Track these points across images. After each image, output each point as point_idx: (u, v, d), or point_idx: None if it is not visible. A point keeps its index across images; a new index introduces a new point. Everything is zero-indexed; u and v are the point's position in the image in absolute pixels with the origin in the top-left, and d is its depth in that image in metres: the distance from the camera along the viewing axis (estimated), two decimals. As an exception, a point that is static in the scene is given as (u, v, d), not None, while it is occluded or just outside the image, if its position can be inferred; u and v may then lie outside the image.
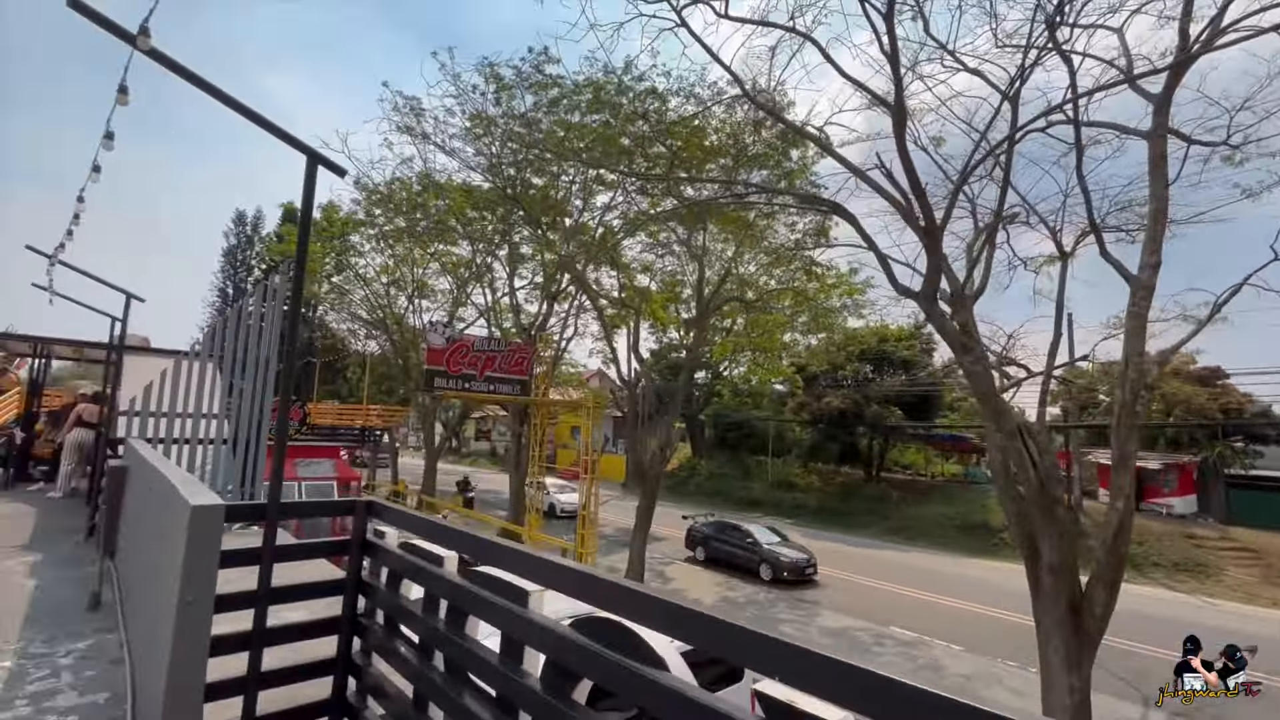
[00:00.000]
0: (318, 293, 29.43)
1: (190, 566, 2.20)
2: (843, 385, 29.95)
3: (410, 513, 2.42)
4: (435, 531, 2.28)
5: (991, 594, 16.55)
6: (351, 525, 2.65)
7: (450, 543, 2.26)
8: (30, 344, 9.63)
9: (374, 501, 2.63)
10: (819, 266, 16.55)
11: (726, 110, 15.36)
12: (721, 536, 19.48)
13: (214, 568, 2.23)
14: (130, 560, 4.23)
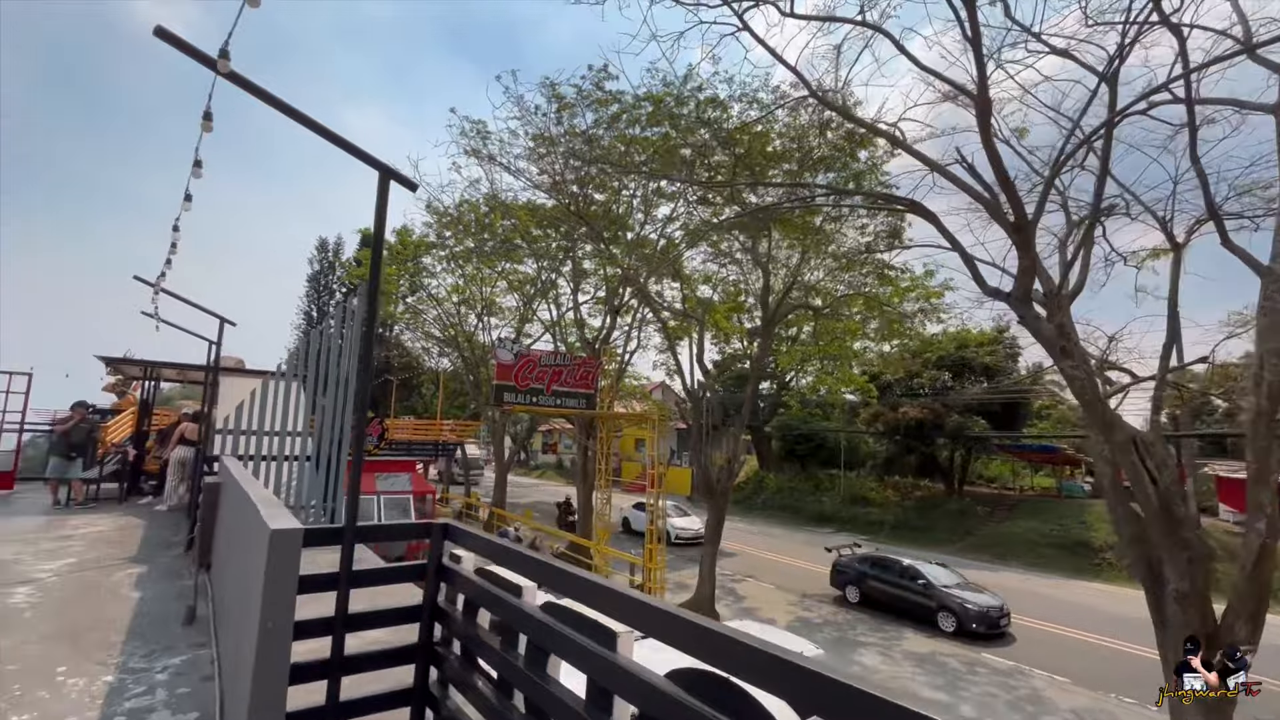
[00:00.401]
0: (394, 313, 30.86)
1: (270, 591, 2.17)
2: (919, 394, 28.51)
3: (485, 537, 2.31)
4: (512, 559, 2.15)
5: (1099, 620, 15.13)
6: (429, 545, 2.57)
7: (529, 571, 2.13)
8: (140, 367, 10.48)
9: (449, 524, 2.54)
10: (892, 270, 15.80)
11: (790, 114, 15.02)
12: (882, 575, 16.32)
13: (293, 593, 2.19)
14: (223, 575, 4.37)
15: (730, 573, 19.09)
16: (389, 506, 16.30)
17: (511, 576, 2.14)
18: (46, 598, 4.57)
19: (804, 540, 25.11)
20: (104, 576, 5.23)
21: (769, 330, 16.11)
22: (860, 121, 9.22)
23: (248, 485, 4.54)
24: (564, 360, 17.69)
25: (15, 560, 5.69)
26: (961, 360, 28.10)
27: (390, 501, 16.39)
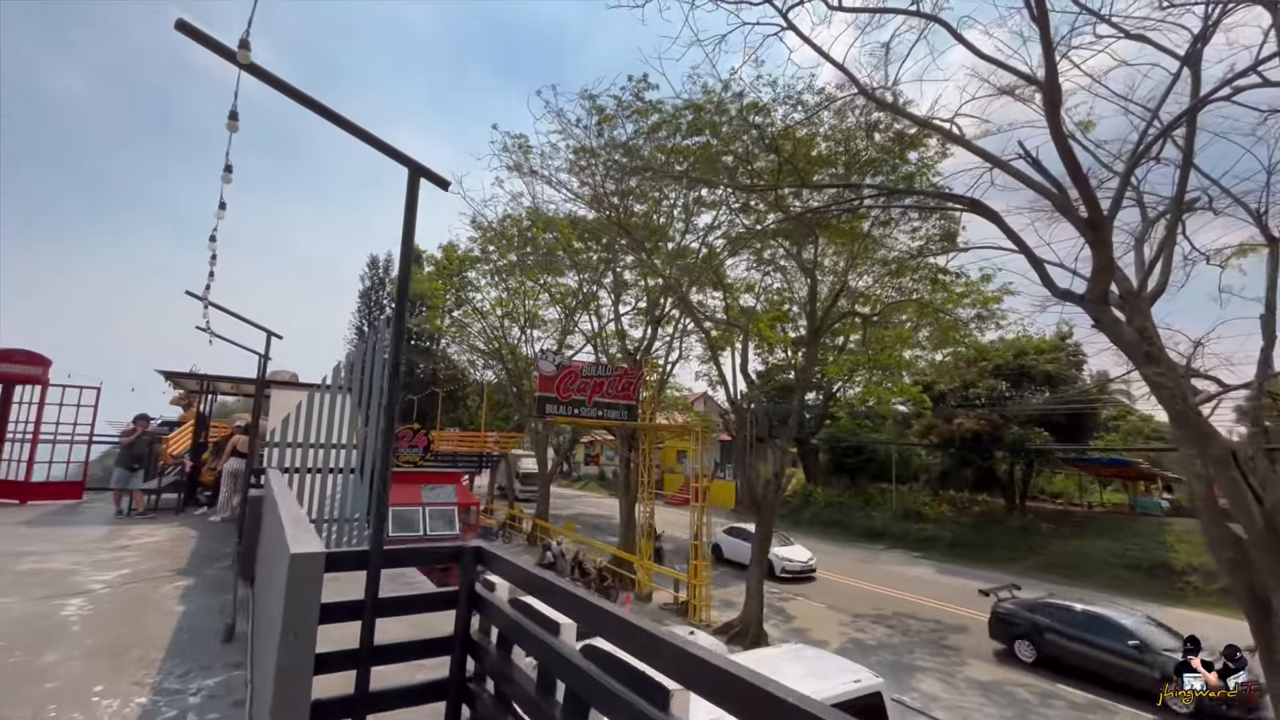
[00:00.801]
0: (440, 326, 31.50)
1: (290, 621, 2.00)
2: (975, 405, 27.22)
3: (521, 565, 2.09)
4: (548, 591, 1.92)
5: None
6: (461, 568, 2.38)
7: (566, 607, 1.89)
8: (197, 380, 10.84)
9: (482, 548, 2.34)
10: (947, 275, 15.09)
11: (836, 117, 14.62)
12: (1069, 630, 12.73)
13: (313, 624, 2.01)
14: (262, 593, 4.31)
15: (778, 590, 18.46)
16: (434, 517, 16.39)
17: (548, 611, 1.91)
18: (96, 610, 4.60)
19: (856, 557, 24.19)
20: (153, 589, 5.27)
21: (816, 339, 15.59)
22: (914, 118, 8.79)
23: (281, 501, 4.48)
24: (606, 371, 17.56)
25: (73, 570, 5.81)
26: (1020, 369, 26.72)
27: (435, 512, 16.48)
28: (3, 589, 5.12)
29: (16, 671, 3.40)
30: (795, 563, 20.35)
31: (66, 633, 4.08)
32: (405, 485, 16.64)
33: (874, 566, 22.69)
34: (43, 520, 8.60)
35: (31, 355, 10.51)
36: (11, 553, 6.43)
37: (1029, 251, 7.53)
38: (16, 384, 10.54)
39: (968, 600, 16.90)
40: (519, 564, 2.10)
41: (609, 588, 16.97)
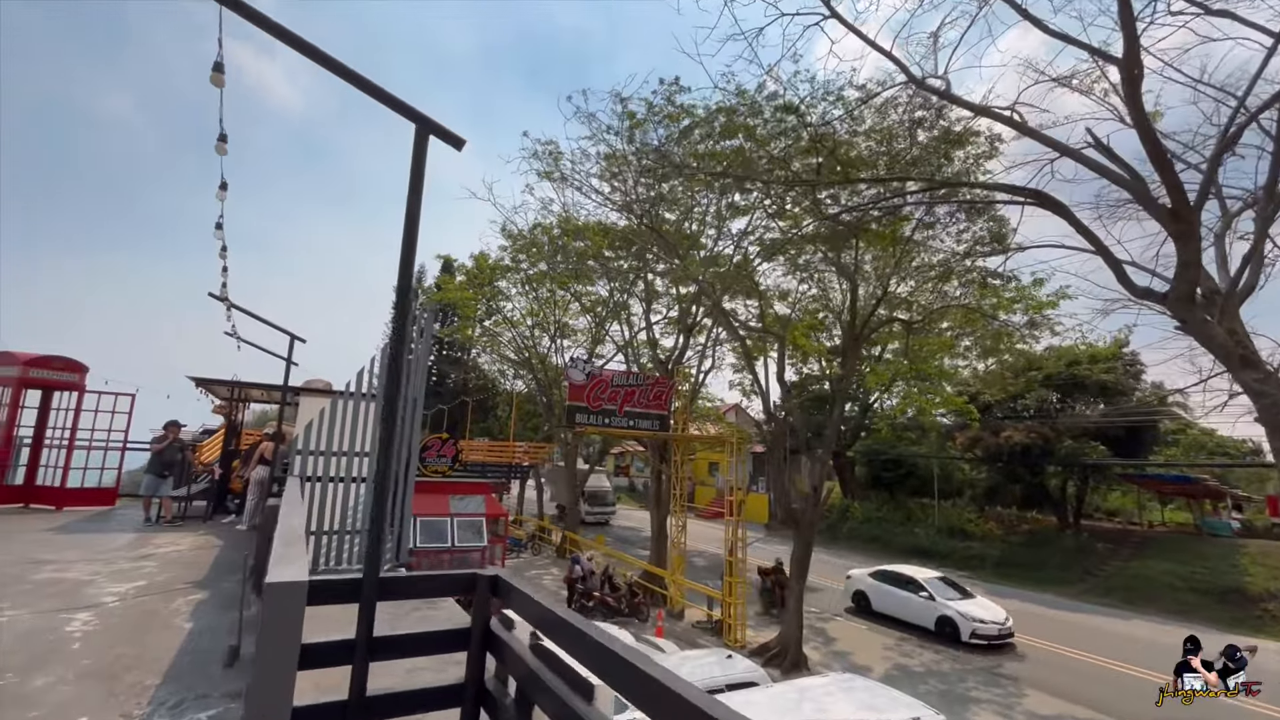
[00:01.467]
0: (471, 336, 31.58)
1: (262, 666, 1.62)
2: (1024, 416, 25.95)
3: (541, 601, 1.67)
4: (574, 639, 1.48)
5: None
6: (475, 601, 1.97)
7: (595, 661, 1.46)
8: (227, 388, 10.82)
9: (499, 577, 1.93)
10: (997, 278, 14.30)
11: (877, 114, 14.07)
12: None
13: (289, 669, 1.63)
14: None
15: (817, 610, 17.67)
16: (462, 528, 16.16)
17: (577, 667, 1.49)
18: (102, 626, 4.34)
19: (896, 575, 23.13)
20: (164, 603, 5.02)
21: (856, 345, 14.92)
22: (971, 106, 8.21)
23: (283, 513, 4.16)
24: (637, 380, 17.16)
25: (89, 581, 5.62)
26: (1073, 379, 25.37)
27: (463, 523, 16.25)
28: (16, 600, 4.93)
29: (2, 697, 3.12)
30: (989, 624, 14.81)
31: (65, 652, 3.82)
32: (433, 495, 16.45)
33: (917, 586, 21.63)
34: (72, 527, 8.55)
35: (69, 362, 10.61)
36: (34, 561, 6.29)
37: (1103, 248, 6.87)
38: (55, 390, 10.66)
39: (1021, 624, 15.85)
40: (539, 599, 1.68)
41: (640, 604, 16.44)
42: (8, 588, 5.22)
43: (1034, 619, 17.29)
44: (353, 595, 1.75)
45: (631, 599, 16.46)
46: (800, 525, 13.93)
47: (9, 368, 9.98)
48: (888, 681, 11.51)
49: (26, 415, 10.42)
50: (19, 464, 10.36)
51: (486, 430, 40.88)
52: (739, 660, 8.75)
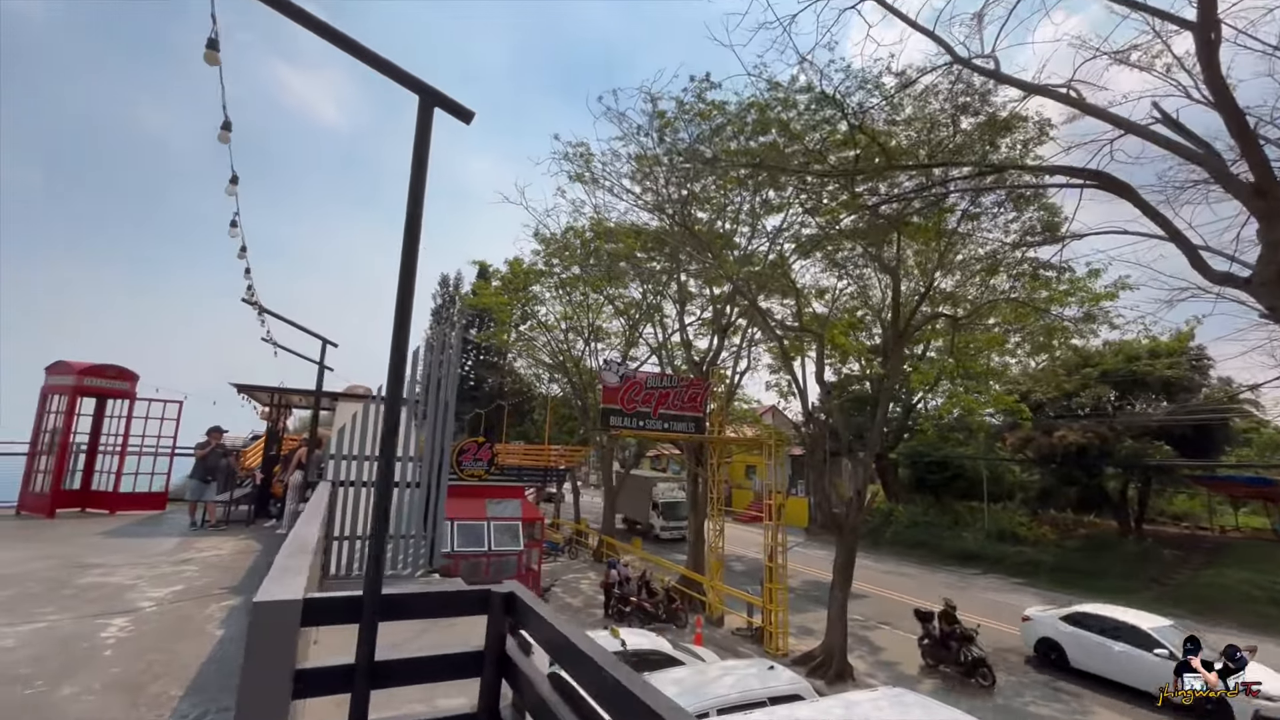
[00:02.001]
0: (506, 341, 31.83)
1: (246, 693, 1.46)
2: (1079, 415, 24.69)
3: (555, 624, 1.45)
4: (585, 668, 1.25)
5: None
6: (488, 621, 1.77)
7: (603, 694, 1.23)
8: (268, 394, 11.03)
9: (515, 595, 1.72)
10: (1050, 270, 13.56)
11: (917, 102, 13.54)
12: None
13: (282, 698, 1.46)
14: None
15: (861, 618, 17.06)
16: (498, 531, 16.18)
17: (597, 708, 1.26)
18: (136, 632, 4.33)
19: (944, 581, 22.25)
20: (199, 609, 5.01)
21: (900, 343, 14.35)
22: (1024, 84, 7.70)
23: (302, 519, 4.07)
24: (671, 382, 16.90)
25: (131, 586, 5.67)
26: (1132, 375, 24.01)
27: (500, 527, 16.27)
28: (61, 604, 4.99)
29: (28, 706, 3.08)
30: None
31: (97, 659, 3.79)
32: (470, 499, 16.52)
33: (968, 593, 20.74)
34: (122, 531, 8.78)
35: (121, 370, 10.96)
36: (81, 565, 6.42)
37: (1174, 231, 6.33)
38: (108, 398, 11.02)
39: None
40: (553, 620, 1.47)
41: (677, 609, 16.15)
42: (54, 593, 5.30)
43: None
44: (353, 615, 1.57)
45: (669, 604, 16.18)
46: (843, 530, 13.43)
47: (64, 377, 10.36)
48: (940, 696, 10.96)
49: (82, 423, 10.80)
50: (76, 469, 10.74)
51: (523, 434, 41.19)
52: (781, 671, 8.40)
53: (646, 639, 10.73)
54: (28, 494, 10.10)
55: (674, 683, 7.84)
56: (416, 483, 7.24)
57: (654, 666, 9.63)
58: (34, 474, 10.14)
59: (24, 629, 4.27)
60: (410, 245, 1.70)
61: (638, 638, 10.67)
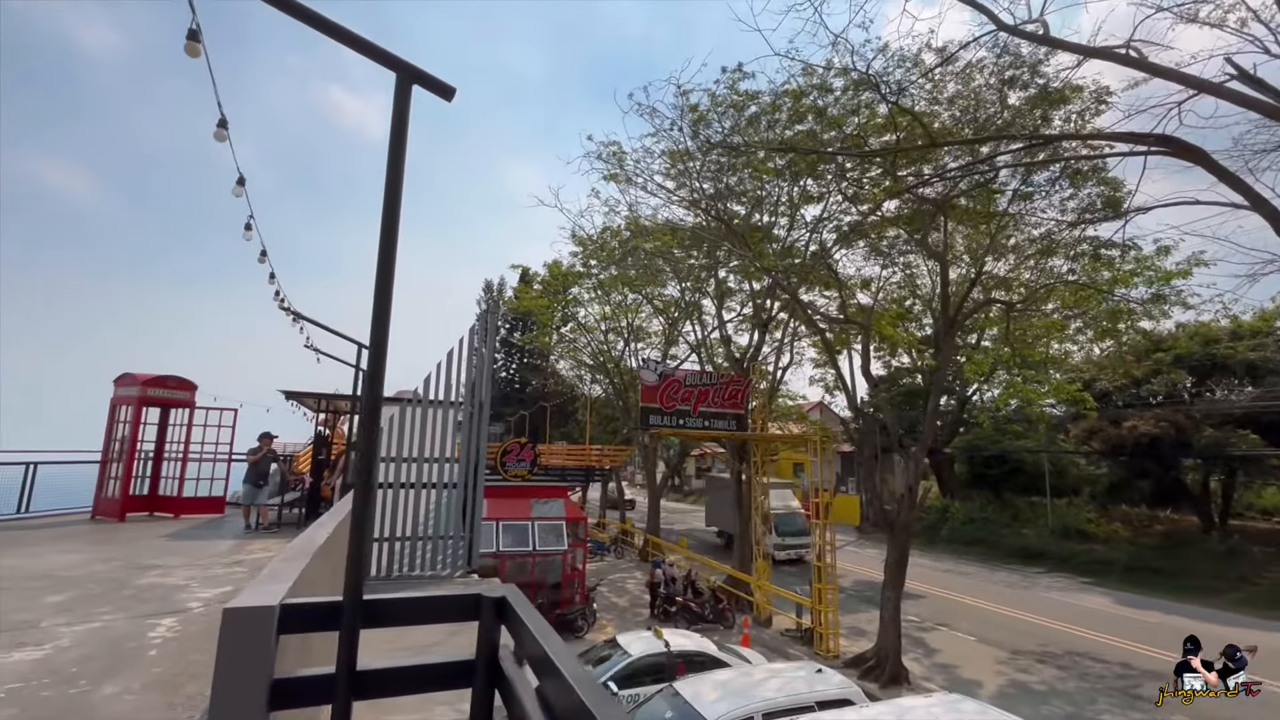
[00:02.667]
0: (548, 343, 32.17)
1: (217, 708, 1.38)
2: (1150, 403, 23.16)
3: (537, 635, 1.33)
4: (565, 698, 1.11)
5: None
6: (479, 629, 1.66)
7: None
8: (315, 400, 11.38)
9: (505, 600, 1.61)
10: (1112, 248, 12.71)
11: (960, 80, 12.94)
12: None
13: (258, 709, 1.38)
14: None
15: (917, 619, 16.43)
16: (543, 531, 16.29)
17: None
18: (182, 633, 4.45)
19: (1006, 581, 21.25)
20: (243, 609, 5.12)
21: (951, 332, 13.72)
22: (1077, 48, 7.19)
23: (325, 519, 4.08)
24: (711, 380, 16.67)
25: (183, 587, 5.87)
26: (1210, 359, 22.36)
27: (544, 527, 16.37)
28: (117, 604, 5.19)
29: (70, 705, 3.17)
30: None
31: (142, 658, 3.90)
32: (515, 499, 16.69)
33: (1031, 593, 19.75)
34: (183, 534, 9.17)
35: (182, 381, 11.49)
36: (141, 566, 6.71)
37: (1257, 197, 5.76)
38: (170, 408, 11.57)
39: (1163, 639, 13.99)
40: (538, 631, 1.35)
41: (724, 610, 15.91)
42: (112, 593, 5.53)
43: (1178, 635, 15.21)
44: (331, 621, 1.48)
45: (716, 604, 15.95)
46: (894, 528, 12.93)
47: (130, 388, 10.92)
48: (1002, 702, 10.41)
49: (148, 431, 11.37)
50: (144, 475, 11.32)
51: (566, 435, 41.55)
52: (830, 675, 8.10)
53: (690, 640, 10.56)
54: (101, 499, 10.68)
55: (717, 685, 7.65)
56: (454, 483, 7.30)
57: (698, 668, 9.46)
58: (106, 480, 10.72)
59: (80, 629, 4.45)
60: (389, 229, 1.61)
61: (681, 639, 10.52)
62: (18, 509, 10.13)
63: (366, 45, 1.74)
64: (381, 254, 1.59)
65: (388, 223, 1.62)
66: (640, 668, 9.51)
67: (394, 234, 1.62)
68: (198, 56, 2.57)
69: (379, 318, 1.59)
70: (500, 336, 47.80)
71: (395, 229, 1.63)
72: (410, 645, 3.72)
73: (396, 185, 1.63)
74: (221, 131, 2.73)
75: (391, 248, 1.61)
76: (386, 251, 1.60)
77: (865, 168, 14.32)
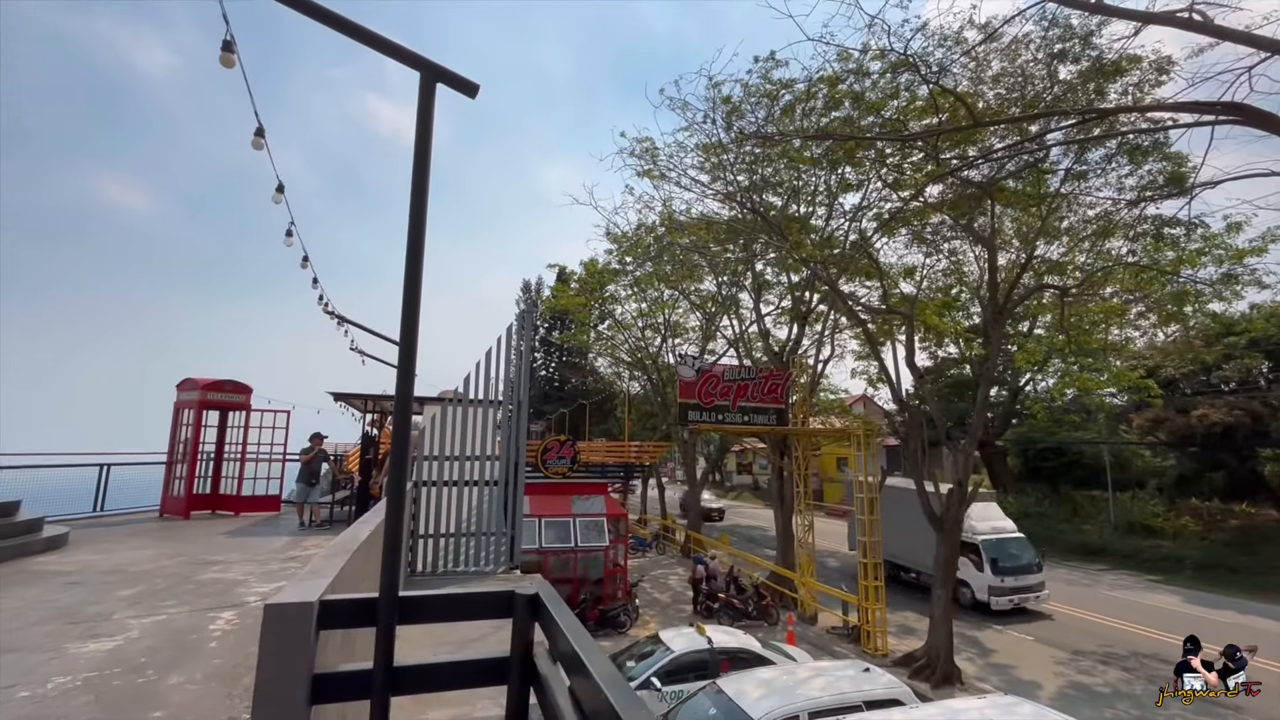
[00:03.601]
0: (586, 341, 32.39)
1: (261, 704, 1.42)
2: (1221, 391, 21.82)
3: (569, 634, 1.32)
4: (593, 699, 1.09)
5: None
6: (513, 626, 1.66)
7: None
8: (362, 401, 11.73)
9: (539, 598, 1.60)
10: (1176, 226, 12.00)
11: (1006, 57, 12.42)
12: None
13: (300, 703, 1.41)
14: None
15: (970, 618, 15.90)
16: (584, 528, 16.41)
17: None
18: (240, 626, 4.64)
19: (1066, 578, 20.36)
20: (297, 603, 5.31)
21: (1000, 322, 13.19)
22: (1133, 14, 6.77)
23: (367, 517, 4.17)
24: (749, 374, 16.47)
25: (242, 581, 6.13)
26: (1288, 342, 20.92)
27: (585, 523, 16.49)
28: (181, 597, 5.46)
29: (138, 694, 3.34)
30: None
31: (203, 650, 4.08)
32: (555, 496, 16.87)
33: (1093, 591, 18.89)
34: (242, 531, 9.59)
35: (238, 385, 12.02)
36: (203, 561, 7.04)
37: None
38: (228, 410, 12.12)
39: (1238, 640, 13.14)
40: (569, 629, 1.33)
41: (768, 606, 15.73)
42: (176, 588, 5.81)
43: (1254, 636, 14.31)
44: (369, 617, 1.50)
45: (759, 601, 15.80)
46: (945, 524, 12.54)
47: (191, 392, 11.48)
48: (1063, 705, 9.99)
49: (208, 433, 11.93)
50: (206, 475, 11.89)
51: (606, 432, 41.76)
52: (878, 674, 7.90)
53: (734, 637, 10.48)
54: (168, 498, 11.27)
55: (761, 683, 7.56)
56: (495, 480, 7.41)
57: (742, 665, 9.37)
58: (172, 480, 11.31)
59: (147, 621, 4.69)
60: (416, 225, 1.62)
61: (725, 635, 10.44)
62: (93, 508, 10.78)
63: (389, 45, 1.76)
64: (410, 248, 1.60)
65: (415, 219, 1.62)
66: (683, 664, 9.49)
67: (421, 229, 1.63)
68: (232, 67, 2.66)
69: (408, 311, 1.60)
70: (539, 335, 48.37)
71: (423, 225, 1.64)
72: (453, 641, 3.78)
73: (423, 182, 1.64)
74: (259, 140, 2.83)
75: (419, 243, 1.62)
76: (415, 246, 1.61)
77: (906, 152, 13.90)
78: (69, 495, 10.52)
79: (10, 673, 3.59)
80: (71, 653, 3.96)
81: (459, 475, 7.14)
